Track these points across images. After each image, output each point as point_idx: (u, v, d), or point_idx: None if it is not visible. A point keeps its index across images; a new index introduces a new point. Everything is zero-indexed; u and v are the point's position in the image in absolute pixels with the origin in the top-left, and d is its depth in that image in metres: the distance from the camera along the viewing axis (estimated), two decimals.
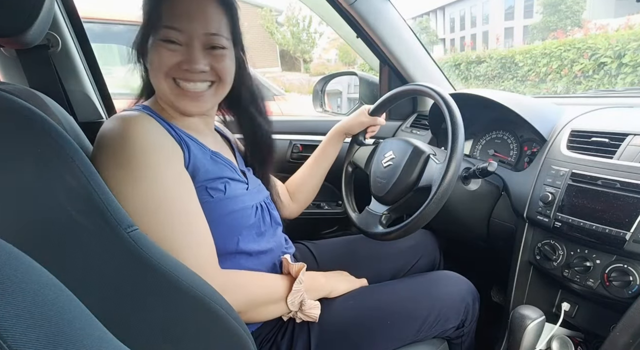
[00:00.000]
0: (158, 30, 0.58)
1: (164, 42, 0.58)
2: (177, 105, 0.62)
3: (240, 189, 0.67)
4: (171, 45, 0.58)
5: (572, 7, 14.79)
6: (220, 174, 0.64)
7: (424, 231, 1.01)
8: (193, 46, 0.59)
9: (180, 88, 0.61)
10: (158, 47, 0.59)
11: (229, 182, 0.64)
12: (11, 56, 0.91)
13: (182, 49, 0.59)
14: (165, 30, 0.58)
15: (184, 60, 0.59)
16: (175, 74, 0.60)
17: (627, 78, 5.15)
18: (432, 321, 0.71)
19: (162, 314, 0.42)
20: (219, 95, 0.66)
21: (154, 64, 0.60)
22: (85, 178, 0.37)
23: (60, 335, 0.22)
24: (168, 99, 0.62)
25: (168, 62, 0.59)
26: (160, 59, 0.59)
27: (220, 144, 0.75)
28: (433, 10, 24.37)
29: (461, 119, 0.71)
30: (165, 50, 0.58)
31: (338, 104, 2.05)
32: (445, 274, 0.83)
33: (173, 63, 0.59)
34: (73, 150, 0.38)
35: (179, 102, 0.61)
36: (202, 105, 0.63)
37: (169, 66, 0.59)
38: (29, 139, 0.36)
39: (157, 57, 0.59)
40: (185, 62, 0.59)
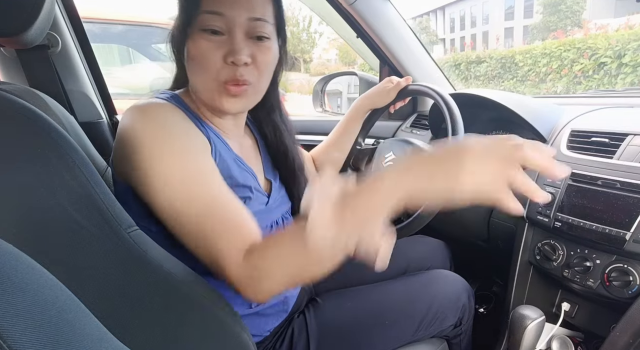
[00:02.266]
0: (196, 18, 0.52)
1: (204, 33, 0.52)
2: (217, 104, 0.56)
3: (259, 205, 0.61)
4: (212, 36, 0.52)
5: (572, 7, 14.80)
6: (244, 181, 0.58)
7: (435, 241, 0.99)
8: (235, 34, 0.53)
9: (227, 88, 0.55)
10: (199, 40, 0.53)
11: (250, 197, 0.59)
12: (11, 56, 0.91)
13: (224, 39, 0.53)
14: (204, 16, 0.52)
15: (228, 52, 0.53)
16: (224, 77, 0.54)
17: (627, 78, 5.15)
18: (429, 320, 0.71)
19: (162, 314, 0.42)
20: (259, 93, 0.60)
21: (197, 62, 0.54)
22: (86, 178, 0.37)
23: (60, 335, 0.22)
24: (207, 97, 0.56)
25: (213, 58, 0.53)
26: (205, 54, 0.53)
27: (247, 147, 0.68)
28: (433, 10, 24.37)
29: (461, 119, 0.71)
30: (207, 42, 0.52)
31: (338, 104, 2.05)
32: (440, 272, 0.83)
33: (218, 58, 0.53)
34: (73, 150, 0.38)
35: (220, 100, 0.55)
36: (242, 103, 0.57)
37: (215, 64, 0.53)
38: (29, 138, 0.36)
39: (199, 53, 0.53)
40: (229, 55, 0.52)
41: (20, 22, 0.57)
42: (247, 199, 0.58)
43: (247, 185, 0.59)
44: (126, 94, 2.58)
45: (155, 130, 0.49)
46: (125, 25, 2.55)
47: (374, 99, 0.89)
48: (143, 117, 0.50)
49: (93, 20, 2.24)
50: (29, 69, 0.90)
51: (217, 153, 0.56)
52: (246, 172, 0.60)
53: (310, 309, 0.72)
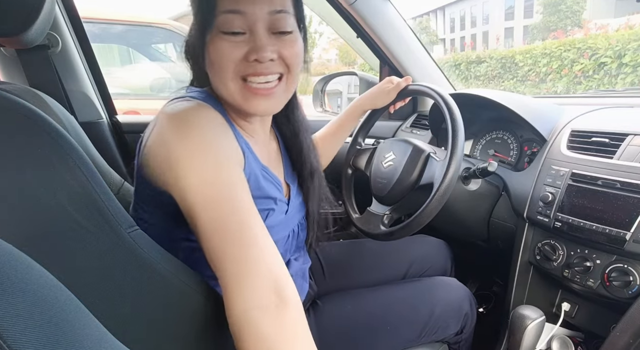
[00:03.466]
0: (215, 20, 0.49)
1: (225, 34, 0.49)
2: (246, 107, 0.53)
3: (279, 216, 0.59)
4: (232, 36, 0.49)
5: (572, 7, 14.80)
6: (270, 193, 0.56)
7: (436, 241, 0.99)
8: (257, 31, 0.50)
9: (250, 87, 0.52)
10: (218, 42, 0.50)
11: (273, 209, 0.57)
12: (11, 56, 0.91)
13: (246, 38, 0.50)
14: (224, 17, 0.49)
15: (250, 50, 0.50)
16: (245, 71, 0.51)
17: (627, 78, 5.15)
18: (432, 328, 0.71)
19: (162, 314, 0.42)
20: (290, 90, 0.56)
21: (217, 63, 0.51)
22: (86, 178, 0.37)
23: (60, 335, 0.22)
24: (234, 102, 0.53)
25: (233, 57, 0.50)
26: (224, 55, 0.50)
27: (272, 152, 0.65)
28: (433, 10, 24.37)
29: (461, 119, 0.71)
30: (227, 43, 0.50)
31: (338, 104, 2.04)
32: (442, 280, 0.82)
33: (239, 57, 0.50)
34: (73, 150, 0.38)
35: (249, 103, 0.52)
36: (274, 104, 0.54)
37: (235, 63, 0.50)
38: (29, 138, 0.36)
39: (220, 55, 0.50)
40: (252, 52, 0.50)
41: (20, 22, 0.57)
42: (270, 211, 0.56)
43: (272, 197, 0.57)
44: (126, 94, 2.58)
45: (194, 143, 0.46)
46: (125, 25, 2.56)
47: (374, 99, 0.88)
48: (183, 125, 0.47)
49: (93, 20, 2.25)
50: (29, 69, 0.90)
51: (247, 164, 0.53)
52: (272, 182, 0.58)
53: (311, 312, 0.72)
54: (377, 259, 0.89)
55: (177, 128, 0.46)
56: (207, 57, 0.52)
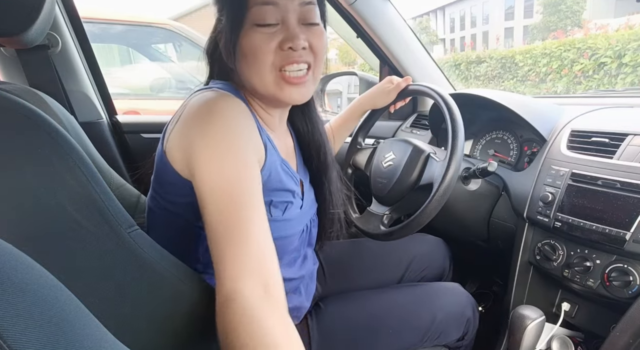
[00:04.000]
0: (248, 13, 0.51)
1: (259, 27, 0.51)
2: (281, 97, 0.55)
3: (296, 211, 0.60)
4: (266, 28, 0.51)
5: (572, 7, 14.80)
6: (289, 186, 0.57)
7: (435, 239, 0.99)
8: (289, 21, 0.52)
9: (285, 75, 0.54)
10: (253, 35, 0.51)
11: (292, 202, 0.58)
12: (11, 56, 0.91)
13: (279, 28, 0.52)
14: (258, 9, 0.51)
15: (284, 39, 0.52)
16: (281, 62, 0.53)
17: (627, 78, 5.15)
18: (433, 333, 0.71)
19: (162, 314, 0.42)
20: (316, 79, 0.59)
21: (253, 54, 0.52)
22: (86, 178, 0.37)
23: (60, 335, 0.22)
24: (267, 92, 0.55)
25: (269, 48, 0.52)
26: (260, 47, 0.51)
27: (289, 146, 0.66)
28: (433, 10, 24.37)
29: (461, 119, 0.71)
30: (261, 35, 0.51)
31: (338, 104, 2.05)
32: (444, 285, 0.82)
33: (274, 47, 0.52)
34: (73, 150, 0.38)
35: (284, 92, 0.54)
36: (305, 92, 0.56)
37: (271, 53, 0.52)
38: (29, 138, 0.36)
39: (255, 46, 0.52)
40: (286, 41, 0.52)
41: (20, 22, 0.57)
42: (289, 203, 0.57)
43: (291, 190, 0.58)
44: (126, 94, 2.59)
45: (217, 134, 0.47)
46: (125, 25, 2.55)
47: (374, 99, 0.88)
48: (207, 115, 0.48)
49: (93, 20, 2.24)
50: (29, 69, 0.90)
51: (269, 156, 0.54)
52: (291, 176, 0.59)
53: (313, 314, 0.71)
54: (376, 258, 0.89)
55: (201, 118, 0.48)
56: (240, 52, 0.53)
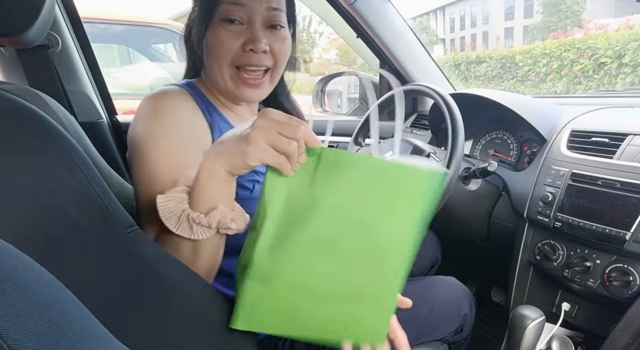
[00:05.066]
0: (216, 9, 0.55)
1: (224, 23, 0.55)
2: (236, 93, 0.59)
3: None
4: (231, 25, 0.55)
5: (572, 7, 14.80)
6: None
7: (427, 234, 1.01)
8: (254, 23, 0.55)
9: (242, 75, 0.57)
10: (218, 30, 0.55)
11: (258, 181, 0.60)
12: (11, 56, 0.91)
13: (243, 28, 0.56)
14: (226, 7, 0.54)
15: (247, 41, 0.55)
16: (240, 61, 0.56)
17: (627, 78, 5.15)
18: (430, 327, 0.71)
19: (161, 314, 0.42)
20: (274, 82, 0.62)
21: (216, 49, 0.56)
22: (86, 178, 0.37)
23: (60, 335, 0.22)
24: (225, 87, 0.59)
25: (231, 46, 0.55)
26: (223, 43, 0.55)
27: None
28: (433, 10, 24.37)
29: (461, 119, 0.71)
30: (226, 32, 0.55)
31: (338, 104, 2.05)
32: (442, 279, 0.82)
33: (236, 47, 0.55)
34: (74, 150, 0.38)
35: (239, 90, 0.58)
36: (261, 92, 0.60)
37: (233, 51, 0.55)
38: (29, 138, 0.36)
39: (219, 42, 0.55)
40: (248, 42, 0.55)
41: (20, 22, 0.57)
42: (255, 182, 0.60)
43: (254, 170, 0.58)
44: (126, 94, 2.58)
45: (156, 122, 0.52)
46: (125, 25, 2.55)
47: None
48: (150, 106, 0.53)
49: (93, 20, 2.24)
50: (29, 69, 0.90)
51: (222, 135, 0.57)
52: None
53: None
54: None
55: (146, 107, 0.54)
56: (206, 43, 0.57)
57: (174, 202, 0.43)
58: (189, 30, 0.62)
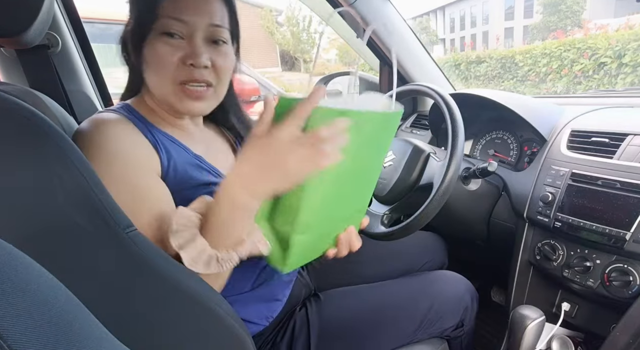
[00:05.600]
0: (156, 23, 0.53)
1: (164, 36, 0.53)
2: (178, 107, 0.57)
3: None
4: (171, 39, 0.53)
5: (572, 7, 14.80)
6: (204, 180, 0.58)
7: (431, 234, 1.01)
8: (195, 38, 0.54)
9: (184, 88, 0.56)
10: (157, 43, 0.53)
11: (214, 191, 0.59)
12: (11, 56, 0.91)
13: (183, 43, 0.54)
14: (166, 21, 0.52)
15: (187, 55, 0.54)
16: (182, 77, 0.55)
17: (627, 78, 5.15)
18: (430, 320, 0.71)
19: (161, 314, 0.42)
20: (219, 96, 0.61)
21: (155, 63, 0.54)
22: (84, 178, 0.37)
23: (60, 335, 0.22)
24: (166, 101, 0.57)
25: (170, 61, 0.53)
26: (162, 58, 0.53)
27: (216, 145, 0.69)
28: (433, 10, 24.37)
29: (461, 119, 0.71)
30: (166, 45, 0.53)
31: None
32: (444, 273, 0.83)
33: (176, 60, 0.54)
34: (72, 151, 0.38)
35: (182, 103, 0.56)
36: (205, 107, 0.59)
37: (173, 65, 0.54)
38: (28, 139, 0.36)
39: (157, 55, 0.54)
40: (188, 57, 0.54)
41: (20, 22, 0.57)
42: (212, 194, 0.57)
43: (208, 183, 0.58)
44: None
45: (96, 153, 0.49)
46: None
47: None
48: (87, 139, 0.50)
49: (93, 20, 2.24)
50: (29, 69, 0.90)
51: (170, 160, 0.56)
52: (206, 170, 0.60)
53: (313, 304, 0.72)
54: (375, 254, 0.90)
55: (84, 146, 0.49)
56: (144, 55, 0.55)
57: (196, 252, 0.44)
58: (124, 42, 0.59)
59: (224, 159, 0.67)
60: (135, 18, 0.56)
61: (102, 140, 0.50)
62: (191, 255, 0.44)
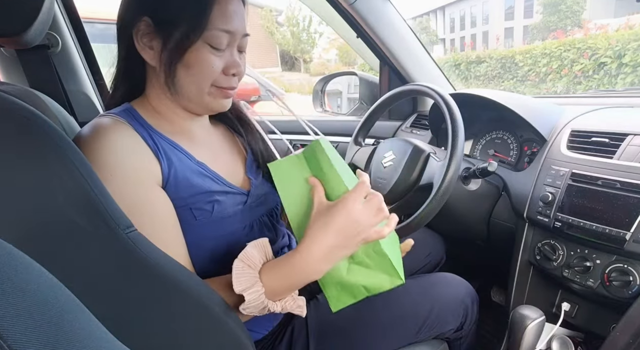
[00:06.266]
0: (205, 33, 0.53)
1: (212, 48, 0.54)
2: (212, 105, 0.59)
3: (235, 206, 0.60)
4: (216, 51, 0.55)
5: (572, 7, 14.80)
6: (206, 188, 0.57)
7: (431, 232, 1.01)
8: (234, 48, 0.57)
9: (221, 90, 0.58)
10: (203, 52, 0.54)
11: (218, 201, 0.58)
12: (11, 56, 0.91)
13: (224, 53, 0.56)
14: (215, 33, 0.54)
15: (229, 65, 0.57)
16: (221, 83, 0.57)
17: (627, 78, 5.15)
18: (431, 323, 0.71)
19: (161, 314, 0.42)
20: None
21: (199, 68, 0.55)
22: (84, 179, 0.37)
23: (60, 335, 0.22)
24: (203, 100, 0.58)
25: (215, 69, 0.56)
26: (208, 66, 0.55)
27: (216, 149, 0.67)
28: (433, 10, 24.38)
29: (461, 119, 0.71)
30: (212, 55, 0.55)
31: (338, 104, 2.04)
32: (444, 276, 0.82)
33: (219, 70, 0.56)
34: (72, 151, 0.38)
35: (216, 101, 0.59)
36: (229, 103, 0.63)
37: (216, 74, 0.56)
38: (28, 139, 0.36)
39: (202, 63, 0.55)
40: (231, 67, 0.57)
41: (20, 22, 0.57)
42: (215, 202, 0.58)
43: (209, 191, 0.58)
44: None
45: (95, 165, 0.48)
46: None
47: None
48: (87, 147, 0.49)
49: (93, 20, 2.24)
50: (29, 69, 0.90)
51: (170, 168, 0.55)
52: (209, 177, 0.59)
53: (311, 307, 0.72)
54: None
55: (85, 147, 0.50)
56: (185, 62, 0.55)
57: (256, 303, 0.48)
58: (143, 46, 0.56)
59: (231, 164, 0.66)
60: (183, 24, 0.54)
61: (102, 151, 0.49)
62: (247, 299, 0.47)
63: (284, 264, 0.49)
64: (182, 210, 0.54)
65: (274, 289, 0.49)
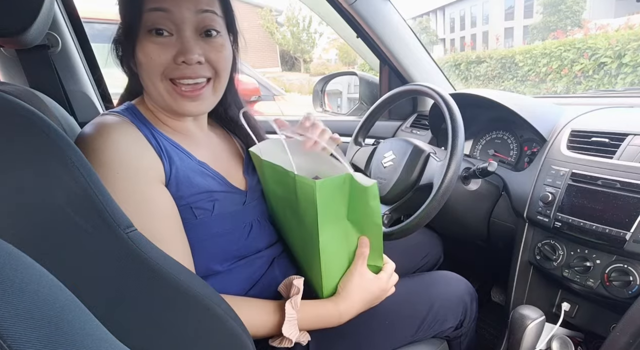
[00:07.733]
0: (141, 19, 0.50)
1: (152, 36, 0.51)
2: (175, 108, 0.56)
3: (234, 206, 0.60)
4: (160, 38, 0.51)
5: (572, 7, 14.79)
6: (207, 187, 0.57)
7: (429, 232, 1.01)
8: (184, 32, 0.51)
9: (178, 88, 0.54)
10: (146, 44, 0.51)
11: (218, 200, 0.58)
12: (11, 56, 0.91)
13: (173, 39, 0.52)
14: (149, 15, 0.50)
15: (178, 52, 0.52)
16: (173, 74, 0.53)
17: (627, 78, 5.15)
18: (430, 321, 0.71)
19: (161, 314, 0.42)
20: (218, 93, 0.59)
21: (146, 65, 0.52)
22: (84, 179, 0.37)
23: (60, 335, 0.22)
24: (163, 102, 0.56)
25: (161, 60, 0.52)
26: (152, 57, 0.51)
27: (219, 147, 0.68)
28: (433, 10, 24.37)
29: (461, 119, 0.71)
30: (155, 45, 0.51)
31: (338, 104, 2.05)
32: (443, 274, 0.83)
33: (167, 59, 0.52)
34: (72, 151, 0.38)
35: (177, 103, 0.55)
36: (201, 105, 0.57)
37: (164, 65, 0.52)
38: (28, 140, 0.36)
39: (147, 56, 0.52)
40: (180, 54, 0.51)
41: (20, 22, 0.57)
42: (215, 201, 0.58)
43: (210, 191, 0.58)
44: None
45: (99, 163, 0.48)
46: None
47: None
48: (90, 146, 0.49)
49: (93, 20, 2.24)
50: (29, 69, 0.90)
51: (172, 167, 0.55)
52: (210, 176, 0.59)
53: None
54: None
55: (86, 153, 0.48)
56: (137, 58, 0.53)
57: (292, 331, 0.56)
58: (116, 47, 0.58)
59: (230, 164, 0.67)
60: (122, 18, 0.54)
61: (105, 149, 0.49)
62: (289, 331, 0.56)
63: (321, 314, 0.60)
64: (183, 209, 0.54)
65: (301, 327, 0.58)
